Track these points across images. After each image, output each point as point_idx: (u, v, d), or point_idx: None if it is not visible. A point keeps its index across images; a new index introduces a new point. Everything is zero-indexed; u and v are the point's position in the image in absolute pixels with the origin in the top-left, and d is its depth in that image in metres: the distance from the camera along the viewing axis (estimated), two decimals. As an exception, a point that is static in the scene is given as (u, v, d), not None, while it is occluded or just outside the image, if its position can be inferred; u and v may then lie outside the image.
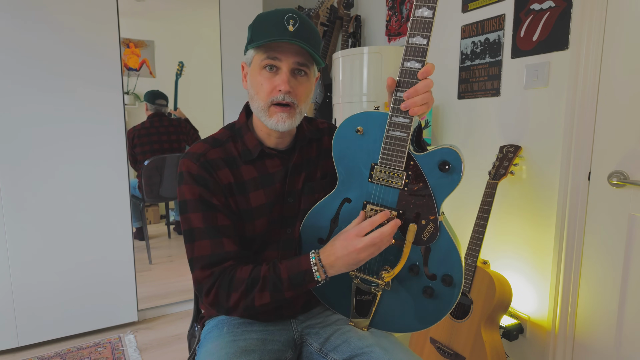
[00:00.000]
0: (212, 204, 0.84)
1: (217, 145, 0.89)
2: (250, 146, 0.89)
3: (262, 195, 0.89)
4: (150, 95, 2.17)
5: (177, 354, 1.88)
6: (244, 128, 0.91)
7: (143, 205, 2.30)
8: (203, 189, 0.84)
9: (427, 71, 0.74)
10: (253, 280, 0.79)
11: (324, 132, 1.00)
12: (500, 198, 1.64)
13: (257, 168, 0.89)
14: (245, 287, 0.79)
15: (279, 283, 0.79)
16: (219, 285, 0.80)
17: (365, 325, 0.91)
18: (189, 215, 0.84)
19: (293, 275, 0.79)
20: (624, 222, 1.28)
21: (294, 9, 0.83)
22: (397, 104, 0.77)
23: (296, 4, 2.99)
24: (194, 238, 0.83)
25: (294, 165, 0.92)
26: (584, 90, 1.34)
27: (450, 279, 0.81)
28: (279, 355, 0.87)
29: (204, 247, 0.82)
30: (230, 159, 0.88)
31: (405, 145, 0.77)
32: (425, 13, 0.74)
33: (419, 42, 0.74)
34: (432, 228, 0.80)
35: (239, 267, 0.82)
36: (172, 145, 2.29)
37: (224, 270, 0.81)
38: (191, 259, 0.83)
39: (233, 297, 0.79)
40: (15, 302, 1.85)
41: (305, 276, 0.78)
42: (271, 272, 0.80)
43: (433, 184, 0.78)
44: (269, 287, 0.79)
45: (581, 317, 1.43)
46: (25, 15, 1.74)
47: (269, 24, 0.81)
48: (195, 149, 0.87)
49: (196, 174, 0.84)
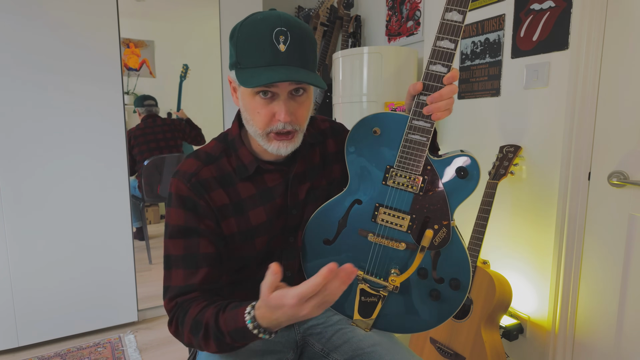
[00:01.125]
0: (197, 229, 0.78)
1: (210, 162, 0.82)
2: (245, 162, 0.82)
3: (262, 212, 0.83)
4: (137, 100, 2.20)
5: (177, 354, 1.88)
6: (237, 141, 0.84)
7: (143, 205, 2.30)
8: (190, 214, 0.78)
9: (453, 76, 0.72)
10: (196, 323, 0.72)
11: (326, 134, 0.93)
12: (500, 198, 1.65)
13: (255, 184, 0.83)
14: (190, 328, 0.73)
15: (221, 335, 0.69)
16: (177, 318, 0.75)
17: (368, 325, 0.91)
18: (170, 241, 0.79)
19: (232, 331, 0.68)
20: (624, 222, 1.28)
21: (284, 16, 0.72)
22: (419, 108, 0.75)
23: (296, 4, 2.99)
24: (170, 265, 0.79)
25: (294, 176, 0.86)
26: (584, 90, 1.34)
27: (458, 282, 0.81)
28: (280, 356, 0.87)
29: (177, 277, 0.78)
30: (225, 177, 0.82)
31: (424, 149, 0.76)
32: (455, 17, 0.72)
33: (447, 47, 0.73)
34: (445, 233, 0.79)
35: (196, 301, 0.75)
36: (169, 144, 2.30)
37: (184, 302, 0.76)
38: (165, 287, 0.79)
39: (185, 335, 0.74)
40: (15, 302, 1.84)
41: (246, 334, 0.66)
42: (213, 322, 0.70)
43: (449, 190, 0.78)
44: (213, 338, 0.70)
45: (581, 317, 1.43)
46: (25, 15, 1.74)
47: (257, 46, 0.70)
48: (186, 167, 0.81)
49: (186, 195, 0.78)
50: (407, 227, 0.81)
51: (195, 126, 2.32)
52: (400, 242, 0.82)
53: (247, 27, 0.72)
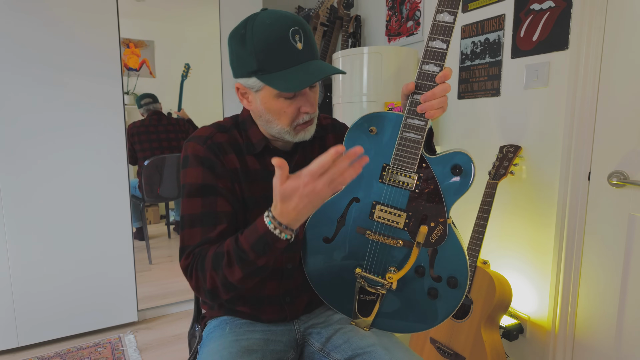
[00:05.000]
0: (215, 187, 0.82)
1: (223, 131, 0.87)
2: (254, 140, 0.88)
3: (262, 187, 0.87)
4: (137, 101, 2.19)
5: (177, 354, 1.88)
6: (248, 121, 0.89)
7: (143, 205, 2.30)
8: (208, 172, 0.82)
9: (445, 75, 0.75)
10: (216, 255, 0.75)
11: (327, 129, 0.98)
12: (500, 198, 1.65)
13: (260, 162, 0.88)
14: (212, 266, 0.75)
15: (244, 254, 0.72)
16: (196, 267, 0.77)
17: (367, 325, 0.91)
18: (187, 200, 0.82)
19: (254, 243, 0.71)
20: (624, 222, 1.28)
21: (289, 15, 0.77)
22: (413, 106, 0.77)
23: (296, 4, 2.99)
24: (188, 224, 0.81)
25: (295, 165, 0.90)
26: (584, 90, 1.34)
27: (456, 281, 0.81)
28: (281, 355, 0.88)
29: (194, 235, 0.80)
30: (237, 145, 0.87)
31: (419, 147, 0.78)
32: (446, 18, 0.74)
33: (439, 47, 0.75)
34: (441, 230, 0.80)
35: (212, 247, 0.78)
36: (171, 144, 2.29)
37: (200, 251, 0.79)
38: (181, 247, 0.81)
39: (208, 277, 0.75)
40: (15, 302, 1.85)
41: (267, 240, 0.71)
42: (233, 245, 0.73)
43: (444, 187, 0.79)
44: (237, 261, 0.73)
45: (581, 317, 1.43)
46: (26, 14, 1.74)
47: (279, 50, 0.74)
48: (201, 132, 0.86)
49: (203, 155, 0.82)
50: (403, 225, 0.82)
51: (197, 127, 2.32)
52: (398, 239, 0.83)
53: (261, 33, 0.74)
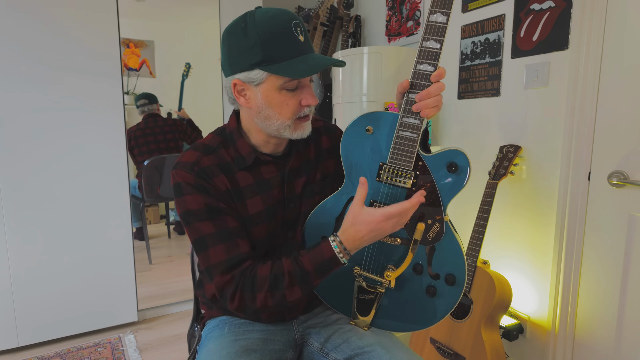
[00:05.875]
0: (219, 208, 0.81)
1: (209, 152, 0.85)
2: (243, 153, 0.86)
3: (259, 201, 0.86)
4: (135, 101, 2.19)
5: (177, 354, 1.88)
6: (235, 134, 0.87)
7: (143, 205, 2.30)
8: (206, 196, 0.81)
9: (439, 74, 0.76)
10: (276, 277, 0.77)
11: (320, 131, 0.97)
12: (500, 198, 1.65)
13: (253, 174, 0.86)
14: (269, 285, 0.77)
15: (306, 276, 0.77)
16: (242, 288, 0.78)
17: (367, 324, 0.91)
18: (197, 224, 0.80)
19: (318, 265, 0.77)
20: (623, 222, 1.28)
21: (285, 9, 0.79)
22: (409, 105, 0.78)
23: (296, 4, 2.99)
24: (207, 245, 0.80)
25: (290, 170, 0.89)
26: (584, 90, 1.34)
27: (454, 278, 0.82)
28: (280, 355, 0.88)
29: (219, 253, 0.79)
30: (225, 165, 0.85)
31: (415, 145, 0.78)
32: (439, 19, 0.75)
33: (432, 46, 0.76)
34: (438, 228, 0.81)
35: (258, 266, 0.79)
36: (169, 145, 2.30)
37: (244, 272, 0.78)
38: (208, 267, 0.80)
39: (259, 298, 0.77)
40: (15, 302, 1.84)
41: (331, 263, 0.77)
42: (295, 267, 0.77)
43: (440, 185, 0.79)
44: (298, 282, 0.77)
45: (581, 317, 1.43)
46: (26, 14, 1.74)
47: (285, 40, 0.75)
48: (186, 158, 0.83)
49: (194, 183, 0.81)
50: None
51: (196, 128, 2.32)
52: (395, 237, 0.83)
53: (264, 24, 0.75)
